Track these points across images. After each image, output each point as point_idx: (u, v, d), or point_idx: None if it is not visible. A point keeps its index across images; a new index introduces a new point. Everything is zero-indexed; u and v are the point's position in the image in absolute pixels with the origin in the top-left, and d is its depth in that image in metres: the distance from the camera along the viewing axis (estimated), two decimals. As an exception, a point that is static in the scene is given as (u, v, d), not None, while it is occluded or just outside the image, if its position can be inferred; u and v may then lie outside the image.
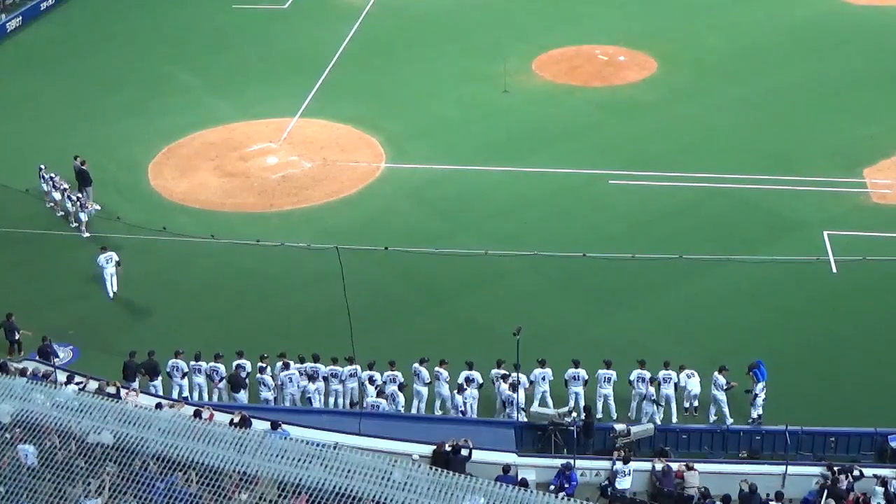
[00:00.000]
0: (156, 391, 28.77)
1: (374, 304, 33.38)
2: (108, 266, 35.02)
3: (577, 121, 47.03)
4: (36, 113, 49.36)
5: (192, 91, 51.58)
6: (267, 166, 43.67)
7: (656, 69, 52.13)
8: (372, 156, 44.12)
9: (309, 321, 33.16)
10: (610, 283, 35.00)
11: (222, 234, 37.85)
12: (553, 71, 52.48)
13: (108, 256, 35.11)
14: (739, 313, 33.37)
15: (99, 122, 47.90)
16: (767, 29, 57.13)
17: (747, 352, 29.72)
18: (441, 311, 34.14)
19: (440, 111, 48.51)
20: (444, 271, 35.78)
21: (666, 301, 34.08)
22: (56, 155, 42.58)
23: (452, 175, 42.56)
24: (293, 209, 40.44)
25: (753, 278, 34.97)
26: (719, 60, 53.14)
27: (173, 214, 40.03)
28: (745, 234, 37.61)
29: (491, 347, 29.06)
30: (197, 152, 44.98)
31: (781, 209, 39.17)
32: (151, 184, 42.59)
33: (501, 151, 44.01)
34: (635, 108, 48.15)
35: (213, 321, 33.50)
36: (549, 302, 34.21)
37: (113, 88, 51.79)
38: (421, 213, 40.07)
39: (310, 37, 57.84)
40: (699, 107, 47.86)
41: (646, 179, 41.25)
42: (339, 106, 48.44)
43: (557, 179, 41.74)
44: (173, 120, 47.73)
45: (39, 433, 17.59)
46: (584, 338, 31.92)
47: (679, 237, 37.17)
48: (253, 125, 47.22)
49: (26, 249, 37.80)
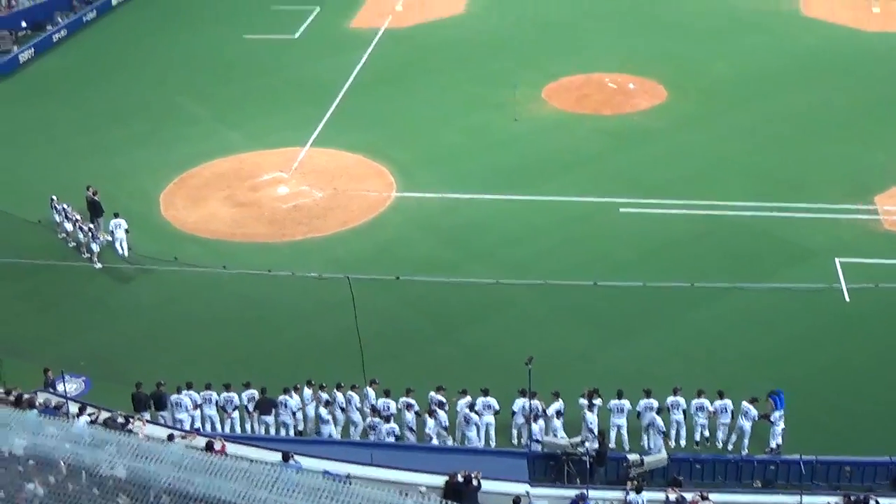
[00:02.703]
0: (165, 422, 28.75)
1: (386, 333, 33.36)
2: (117, 231, 38.97)
3: (587, 149, 47.09)
4: (48, 143, 49.61)
5: (203, 121, 51.81)
6: (278, 196, 43.78)
7: (666, 97, 52.22)
8: (382, 185, 44.21)
9: (320, 350, 33.13)
10: (621, 312, 34.93)
11: (233, 264, 37.92)
12: (563, 99, 52.60)
13: (117, 223, 39.20)
14: (751, 341, 33.25)
15: (110, 152, 48.11)
16: (777, 56, 57.23)
17: (760, 380, 29.67)
18: (452, 339, 34.09)
19: (450, 140, 48.62)
20: (455, 300, 35.77)
21: (677, 329, 34.00)
22: (68, 185, 42.79)
23: (463, 204, 42.61)
24: (304, 239, 40.50)
25: (765, 306, 34.88)
26: (729, 88, 53.20)
27: (184, 244, 40.12)
28: (756, 261, 37.52)
29: (502, 376, 28.99)
30: (208, 182, 45.12)
31: (792, 236, 39.09)
32: (163, 214, 42.72)
33: (512, 180, 44.06)
34: (645, 135, 48.19)
35: (224, 351, 33.50)
36: (560, 330, 34.15)
37: (124, 119, 52.06)
38: (431, 241, 40.09)
39: (320, 66, 58.09)
40: (709, 134, 47.88)
41: (656, 207, 41.25)
42: (350, 135, 48.57)
43: (568, 207, 41.76)
44: (184, 150, 47.91)
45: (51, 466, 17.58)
46: (596, 366, 31.82)
47: (690, 265, 37.10)
48: (264, 155, 47.37)
49: (38, 280, 37.89)
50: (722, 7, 64.65)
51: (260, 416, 29.33)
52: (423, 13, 66.38)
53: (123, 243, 39.21)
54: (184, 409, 29.16)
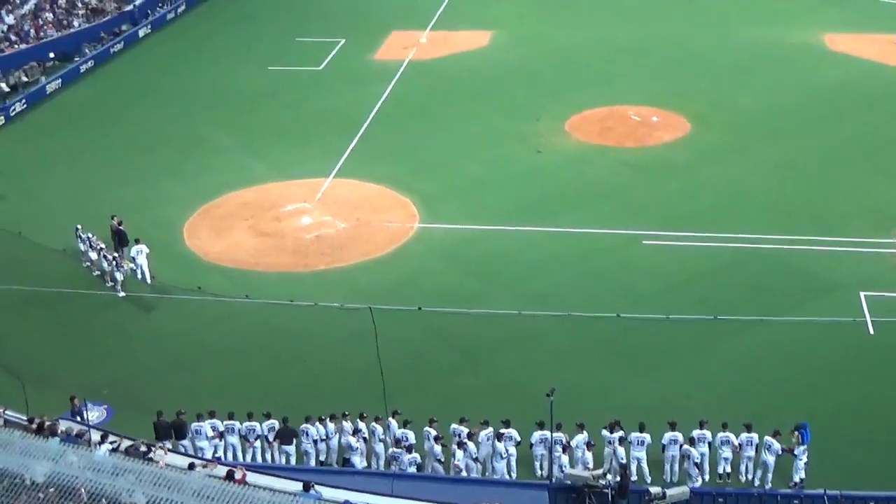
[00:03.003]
0: (185, 451, 28.74)
1: (407, 364, 33.29)
2: (139, 256, 39.47)
3: (611, 181, 47.06)
4: (74, 173, 49.98)
5: (227, 151, 52.10)
6: (301, 226, 43.91)
7: (689, 130, 52.17)
8: (405, 216, 44.29)
9: (342, 380, 33.10)
10: (644, 344, 34.78)
11: (256, 294, 38.01)
12: (586, 131, 52.64)
13: (139, 248, 39.79)
14: (775, 375, 33.02)
15: (136, 182, 48.41)
16: (802, 90, 57.17)
17: (784, 413, 29.42)
18: (474, 371, 33.99)
19: (473, 171, 48.69)
20: (478, 331, 35.70)
21: (701, 362, 33.80)
22: (93, 215, 43.05)
23: (485, 235, 42.61)
24: (327, 269, 40.56)
25: (789, 339, 34.67)
26: (753, 121, 53.14)
27: (208, 274, 40.25)
28: (780, 294, 37.32)
29: (524, 408, 28.87)
30: (232, 212, 45.31)
31: (817, 270, 38.89)
32: (187, 243, 42.90)
33: (535, 211, 44.05)
34: (668, 168, 48.15)
35: (247, 380, 33.50)
36: (583, 363, 34.01)
37: (149, 149, 52.42)
38: (454, 273, 40.07)
39: (344, 98, 58.39)
40: (733, 167, 47.78)
41: (679, 240, 41.13)
42: (374, 166, 48.72)
43: (590, 239, 41.70)
44: (209, 180, 48.17)
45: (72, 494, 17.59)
46: (618, 399, 31.62)
47: (713, 298, 36.95)
48: (288, 185, 47.57)
49: (63, 309, 38.08)
50: (747, 41, 64.64)
51: (281, 445, 29.31)
52: (448, 46, 66.68)
53: (145, 269, 39.56)
54: (203, 436, 29.17)
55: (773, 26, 66.88)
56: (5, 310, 37.90)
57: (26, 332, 36.92)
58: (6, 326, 36.98)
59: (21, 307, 37.98)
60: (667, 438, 28.24)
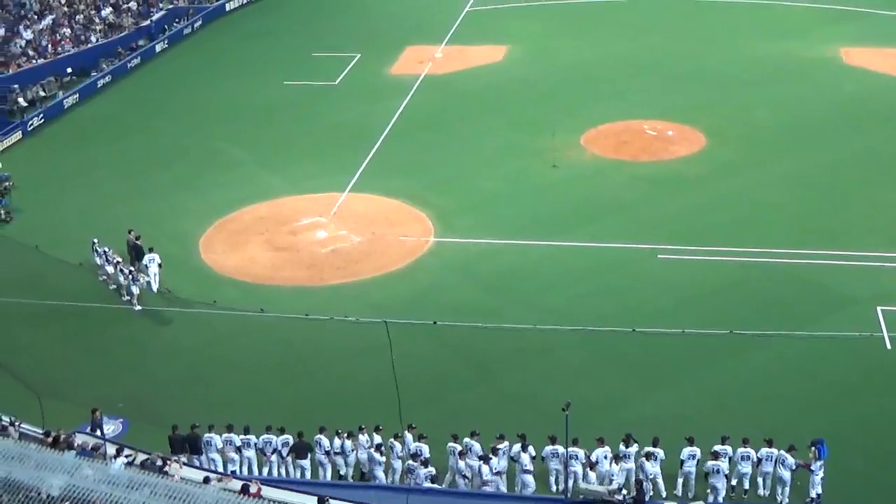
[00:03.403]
0: (200, 464, 28.79)
1: (423, 379, 33.31)
2: (151, 265, 39.68)
3: (626, 195, 47.02)
4: (91, 187, 50.22)
5: (243, 166, 52.26)
6: (316, 240, 43.99)
7: (705, 144, 52.10)
8: (421, 230, 44.33)
9: (357, 395, 33.11)
10: (659, 359, 34.69)
11: (271, 308, 38.06)
12: (601, 146, 52.63)
13: (151, 257, 40.04)
14: (791, 390, 32.90)
15: (152, 196, 48.60)
16: (818, 104, 57.06)
17: (800, 429, 29.26)
18: (489, 385, 33.97)
19: (489, 186, 48.72)
20: (493, 346, 35.66)
21: (716, 377, 33.71)
22: (110, 229, 43.24)
23: (501, 249, 42.61)
24: (342, 283, 40.61)
25: (805, 354, 34.54)
26: (768, 135, 53.05)
27: (223, 288, 40.35)
28: (795, 309, 37.20)
29: (540, 422, 28.82)
30: (247, 226, 45.43)
31: (833, 284, 38.76)
32: (202, 257, 43.02)
33: (550, 226, 44.05)
34: (684, 182, 48.09)
35: (262, 394, 33.56)
36: (598, 377, 33.95)
37: (166, 163, 52.65)
38: (469, 287, 40.07)
39: (360, 112, 58.52)
40: (748, 181, 47.68)
41: (695, 254, 41.06)
42: (389, 181, 48.79)
43: (606, 254, 41.67)
44: (224, 194, 48.32)
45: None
46: (634, 413, 31.53)
47: (729, 312, 36.85)
48: (303, 199, 47.68)
49: (79, 322, 38.24)
50: (763, 56, 64.52)
51: (296, 459, 29.31)
52: (463, 60, 66.78)
53: (156, 278, 39.77)
54: (213, 448, 29.21)
55: (790, 40, 66.80)
56: (22, 323, 38.06)
57: (43, 345, 37.07)
58: (23, 340, 37.14)
59: (37, 321, 38.12)
60: (686, 454, 28.09)
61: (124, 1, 75.12)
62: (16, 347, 36.18)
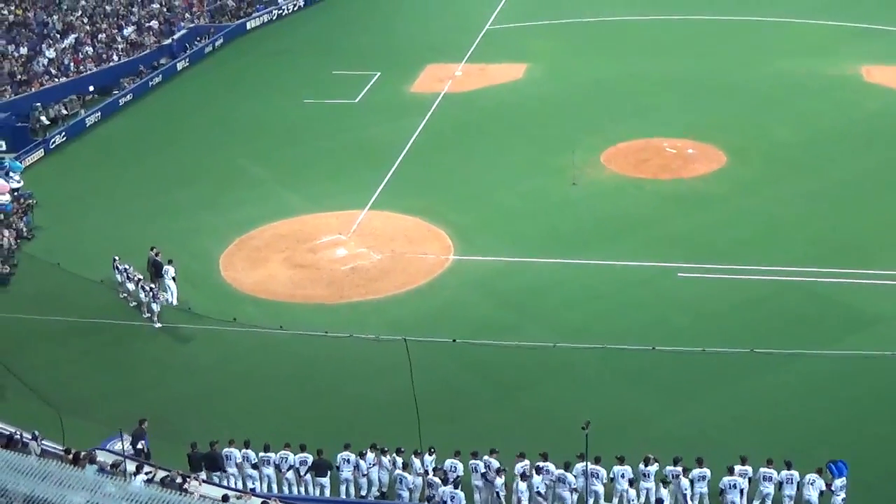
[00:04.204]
0: (219, 482, 28.80)
1: (442, 396, 33.28)
2: (167, 278, 40.11)
3: (646, 213, 46.93)
4: (111, 205, 50.45)
5: (263, 184, 52.40)
6: (336, 258, 44.06)
7: (725, 161, 51.98)
8: (440, 248, 44.34)
9: (377, 412, 33.08)
10: (679, 377, 34.53)
11: (291, 326, 38.11)
12: (621, 163, 52.57)
13: (166, 269, 40.34)
14: (814, 409, 32.72)
15: (173, 214, 48.80)
16: (839, 121, 56.83)
17: (823, 448, 29.10)
18: (509, 403, 33.89)
19: (508, 203, 48.70)
20: (512, 363, 35.60)
21: (737, 395, 33.52)
22: (130, 246, 43.39)
23: (520, 267, 42.57)
24: (362, 301, 40.64)
25: (828, 374, 34.32)
26: (789, 153, 52.89)
27: (243, 305, 40.44)
28: (818, 327, 37.01)
29: (560, 440, 28.73)
30: (267, 244, 45.54)
31: (856, 302, 38.54)
32: (222, 275, 43.13)
33: (569, 244, 44.00)
34: (704, 200, 47.97)
35: (282, 412, 33.58)
36: (618, 395, 33.84)
37: (187, 181, 52.86)
38: (489, 305, 40.04)
39: (380, 130, 58.62)
40: (769, 199, 47.53)
41: (715, 272, 40.91)
42: (408, 198, 48.85)
43: (625, 272, 41.57)
44: (245, 212, 48.47)
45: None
46: (654, 432, 31.45)
47: (750, 331, 36.70)
48: (323, 217, 47.77)
49: (99, 339, 38.37)
50: (783, 73, 64.35)
51: (315, 477, 29.26)
52: (483, 79, 66.86)
53: (173, 293, 40.21)
54: (233, 462, 29.22)
55: (810, 58, 66.62)
56: (43, 340, 38.22)
57: (64, 362, 37.22)
58: (44, 357, 37.28)
59: (59, 337, 38.28)
60: (695, 474, 27.87)
61: (146, 20, 75.58)
62: (37, 364, 36.27)
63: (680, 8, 79.24)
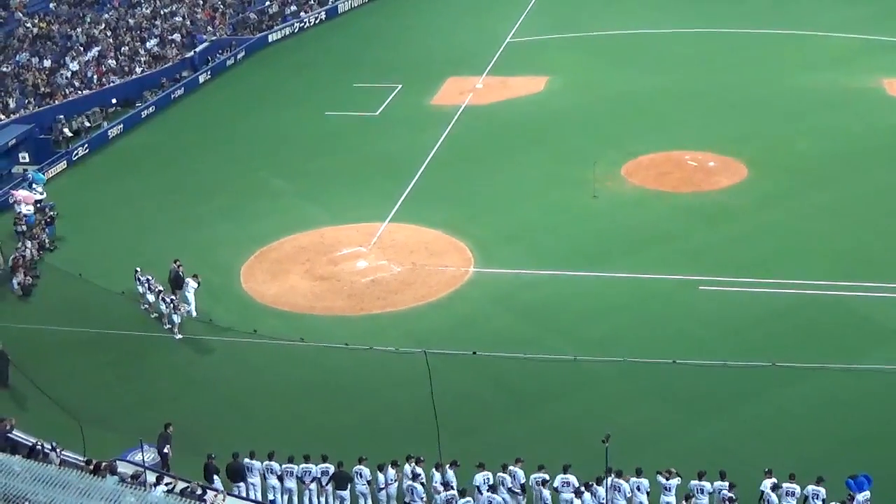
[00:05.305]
0: (239, 492, 28.80)
1: (462, 409, 33.22)
2: (187, 290, 40.23)
3: (667, 226, 46.79)
4: (134, 217, 50.67)
5: (284, 196, 52.53)
6: (357, 270, 44.09)
7: (747, 175, 51.81)
8: (461, 260, 44.32)
9: (396, 425, 33.07)
10: (700, 391, 34.39)
11: (311, 337, 38.16)
12: (642, 176, 52.46)
13: (187, 281, 40.50)
14: (836, 423, 32.52)
15: (194, 226, 48.97)
16: (861, 135, 56.58)
17: (844, 464, 28.87)
18: (529, 416, 33.79)
19: (529, 216, 48.64)
20: (533, 376, 35.53)
21: (759, 409, 33.36)
22: (152, 258, 43.59)
23: (541, 280, 42.51)
24: (382, 313, 40.64)
25: (851, 388, 34.12)
26: (811, 166, 52.68)
27: (264, 317, 40.49)
28: (840, 341, 36.78)
29: (580, 454, 28.64)
30: (288, 256, 45.62)
31: (879, 316, 38.32)
32: (243, 287, 43.22)
33: (590, 257, 43.92)
34: (725, 213, 47.81)
35: (302, 423, 33.60)
36: (639, 408, 33.72)
37: (209, 193, 53.04)
38: (509, 317, 39.97)
39: (400, 143, 58.69)
40: (790, 212, 47.34)
41: (736, 286, 40.76)
42: (429, 211, 48.86)
43: (646, 285, 41.46)
44: (266, 224, 48.59)
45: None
46: (675, 445, 31.32)
47: (771, 344, 36.52)
48: (343, 229, 47.82)
49: (120, 350, 38.49)
50: (804, 86, 64.11)
51: (335, 490, 29.22)
52: (504, 91, 66.88)
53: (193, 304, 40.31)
54: (255, 473, 29.21)
55: (832, 71, 66.39)
56: (65, 351, 38.40)
57: (85, 373, 37.36)
58: (65, 367, 37.42)
59: (80, 348, 38.46)
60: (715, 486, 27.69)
61: (169, 33, 75.97)
62: (58, 375, 36.41)
63: (701, 22, 79.11)
